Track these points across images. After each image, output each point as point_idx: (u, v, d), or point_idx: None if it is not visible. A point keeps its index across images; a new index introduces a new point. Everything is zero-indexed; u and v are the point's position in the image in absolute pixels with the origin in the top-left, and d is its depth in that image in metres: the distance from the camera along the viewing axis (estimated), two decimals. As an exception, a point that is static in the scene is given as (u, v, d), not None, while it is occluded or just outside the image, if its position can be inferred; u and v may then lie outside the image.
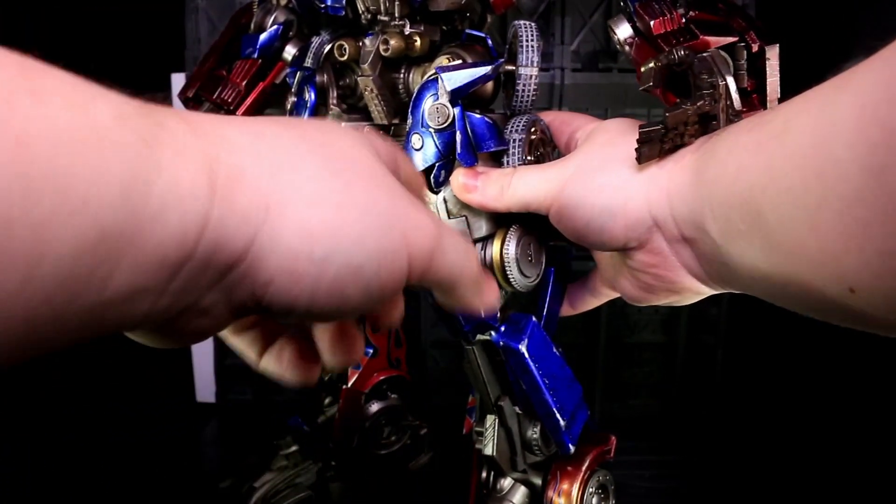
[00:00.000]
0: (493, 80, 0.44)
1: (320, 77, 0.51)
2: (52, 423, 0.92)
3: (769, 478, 0.85)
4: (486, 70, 0.42)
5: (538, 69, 0.44)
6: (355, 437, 0.63)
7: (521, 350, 0.44)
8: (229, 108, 0.54)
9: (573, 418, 0.46)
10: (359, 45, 0.49)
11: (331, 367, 0.31)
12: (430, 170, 0.43)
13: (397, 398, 0.64)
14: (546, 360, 0.45)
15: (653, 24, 0.41)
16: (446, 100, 0.42)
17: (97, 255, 0.18)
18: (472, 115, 0.43)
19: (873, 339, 0.31)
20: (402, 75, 0.49)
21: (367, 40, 0.48)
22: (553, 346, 0.47)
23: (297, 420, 0.66)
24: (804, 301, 0.29)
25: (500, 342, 0.45)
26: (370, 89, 0.48)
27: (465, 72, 0.42)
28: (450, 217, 0.45)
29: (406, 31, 0.47)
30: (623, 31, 0.45)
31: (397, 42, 0.46)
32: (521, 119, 0.45)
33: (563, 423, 0.45)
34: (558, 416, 0.45)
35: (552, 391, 0.45)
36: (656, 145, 0.37)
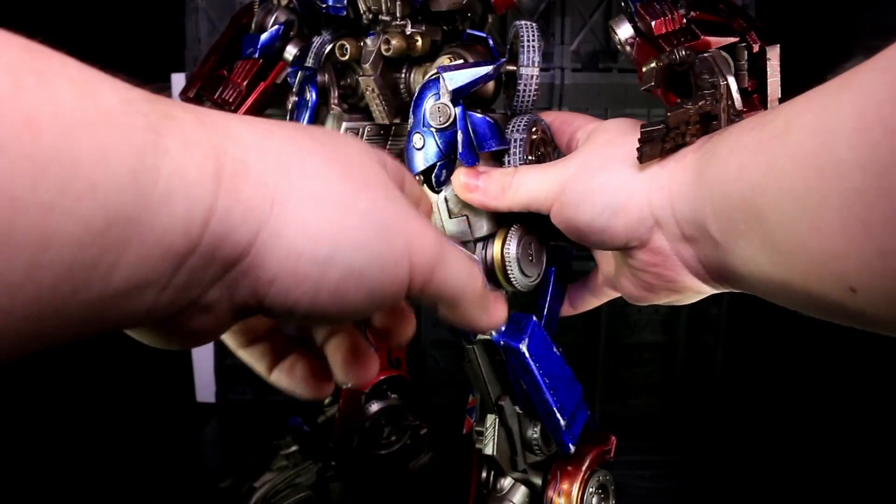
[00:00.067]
0: (494, 79, 0.44)
1: (321, 77, 0.51)
2: (53, 422, 0.92)
3: (769, 478, 0.85)
4: (487, 70, 0.42)
5: (539, 69, 0.44)
6: (355, 437, 0.63)
7: (522, 349, 0.44)
8: (230, 108, 0.54)
9: (573, 418, 0.46)
10: (360, 44, 0.49)
11: (343, 384, 0.31)
12: (431, 169, 0.43)
13: (397, 398, 0.64)
14: (546, 360, 0.45)
15: (654, 25, 0.41)
16: (448, 99, 0.42)
17: (103, 242, 0.18)
18: (474, 114, 0.43)
19: (873, 339, 0.31)
20: (404, 75, 0.49)
21: (368, 40, 0.48)
22: (553, 346, 0.47)
23: (297, 420, 0.66)
24: (805, 301, 0.29)
25: (500, 342, 0.45)
26: (371, 89, 0.48)
27: (467, 71, 0.42)
28: (451, 216, 0.45)
29: (407, 31, 0.47)
30: (624, 31, 0.45)
31: (399, 42, 0.46)
32: (523, 119, 0.45)
33: (563, 422, 0.45)
34: (558, 415, 0.45)
35: (552, 391, 0.45)
36: (658, 145, 0.37)
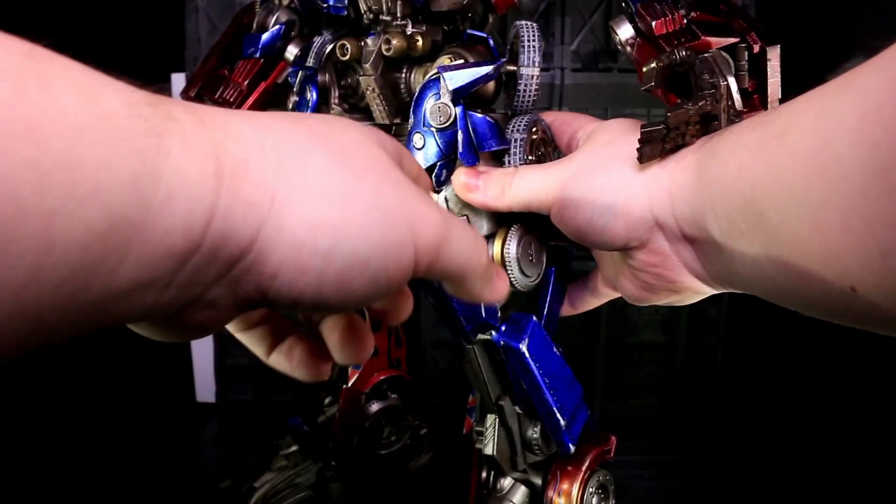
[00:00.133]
0: (494, 79, 0.44)
1: (322, 77, 0.51)
2: (53, 422, 0.92)
3: (769, 478, 0.85)
4: (487, 69, 0.42)
5: (539, 69, 0.44)
6: (355, 437, 0.62)
7: (522, 349, 0.44)
8: (231, 108, 0.54)
9: (573, 418, 0.46)
10: (361, 44, 0.49)
11: (341, 364, 0.31)
12: (431, 169, 0.43)
13: (397, 398, 0.64)
14: (546, 360, 0.45)
15: (654, 25, 0.41)
16: (448, 99, 0.42)
17: (106, 245, 0.18)
18: (474, 114, 0.43)
19: (874, 339, 0.31)
20: (404, 75, 0.49)
21: (369, 40, 0.48)
22: (553, 346, 0.47)
23: (297, 420, 0.66)
24: (805, 300, 0.29)
25: (500, 341, 0.45)
26: (372, 89, 0.48)
27: (467, 71, 0.42)
28: (451, 216, 0.45)
29: (408, 30, 0.47)
30: (624, 31, 0.45)
31: (399, 42, 0.46)
32: (523, 119, 0.45)
33: (563, 422, 0.45)
34: (558, 415, 0.45)
35: (552, 391, 0.45)
36: (658, 145, 0.37)
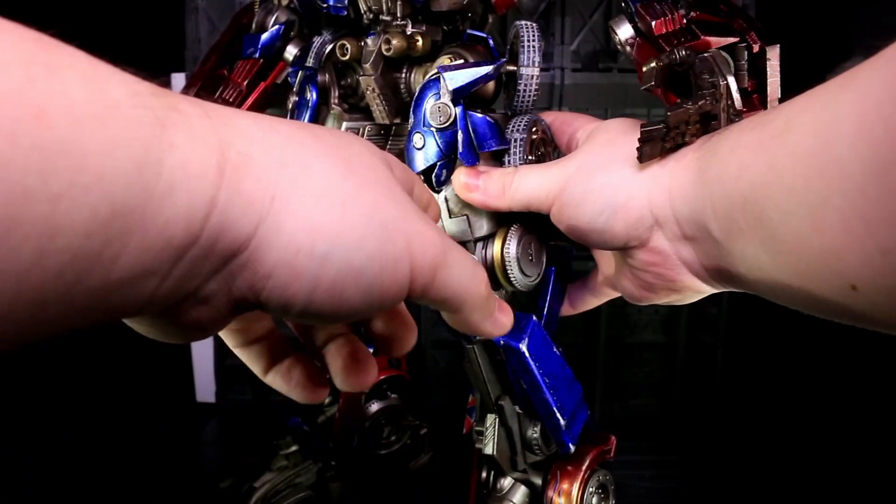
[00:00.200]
0: (494, 79, 0.44)
1: (322, 77, 0.51)
2: (53, 422, 0.92)
3: (769, 478, 0.85)
4: (487, 69, 0.42)
5: (539, 69, 0.44)
6: (355, 437, 0.62)
7: (522, 349, 0.44)
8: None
9: (573, 418, 0.46)
10: (360, 44, 0.49)
11: (342, 390, 0.31)
12: (431, 169, 0.43)
13: (397, 398, 0.64)
14: (546, 360, 0.45)
15: (654, 25, 0.41)
16: (448, 99, 0.42)
17: (108, 233, 0.18)
18: (474, 114, 0.43)
19: (874, 339, 0.31)
20: (404, 75, 0.49)
21: (368, 40, 0.48)
22: (553, 346, 0.47)
23: (297, 420, 0.66)
24: (806, 299, 0.29)
25: (500, 341, 0.45)
26: (372, 89, 0.48)
27: (467, 71, 0.42)
28: (451, 216, 0.45)
29: (408, 30, 0.47)
30: (624, 31, 0.45)
31: (399, 42, 0.46)
32: (523, 119, 0.45)
33: (563, 422, 0.45)
34: (558, 415, 0.45)
35: (552, 390, 0.45)
36: (658, 144, 0.37)
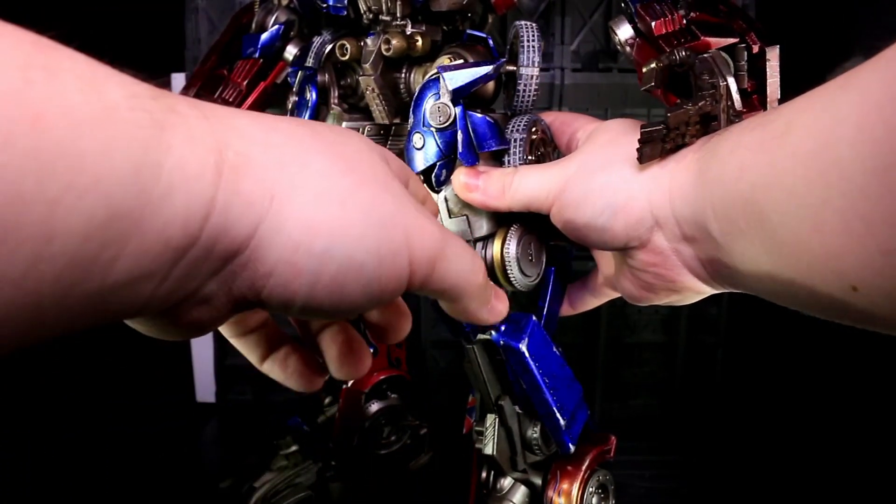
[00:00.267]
0: (494, 79, 0.44)
1: (322, 77, 0.51)
2: (53, 422, 0.92)
3: (769, 478, 0.85)
4: (487, 69, 0.42)
5: (539, 69, 0.44)
6: (355, 437, 0.63)
7: (522, 349, 0.44)
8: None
9: (573, 418, 0.46)
10: (360, 44, 0.49)
11: (337, 378, 0.31)
12: (431, 169, 0.43)
13: (397, 398, 0.64)
14: (546, 360, 0.45)
15: (654, 25, 0.41)
16: (448, 99, 0.42)
17: (105, 236, 0.18)
18: (474, 114, 0.43)
19: (874, 339, 0.31)
20: (404, 75, 0.49)
21: (368, 40, 0.48)
22: (553, 346, 0.47)
23: (297, 420, 0.67)
24: (806, 300, 0.29)
25: (500, 341, 0.45)
26: (371, 89, 0.48)
27: (467, 71, 0.42)
28: (451, 216, 0.45)
29: (408, 30, 0.47)
30: (624, 31, 0.45)
31: (399, 42, 0.46)
32: (522, 119, 0.45)
33: (563, 422, 0.45)
34: (558, 415, 0.45)
35: (552, 390, 0.45)
36: (658, 145, 0.37)
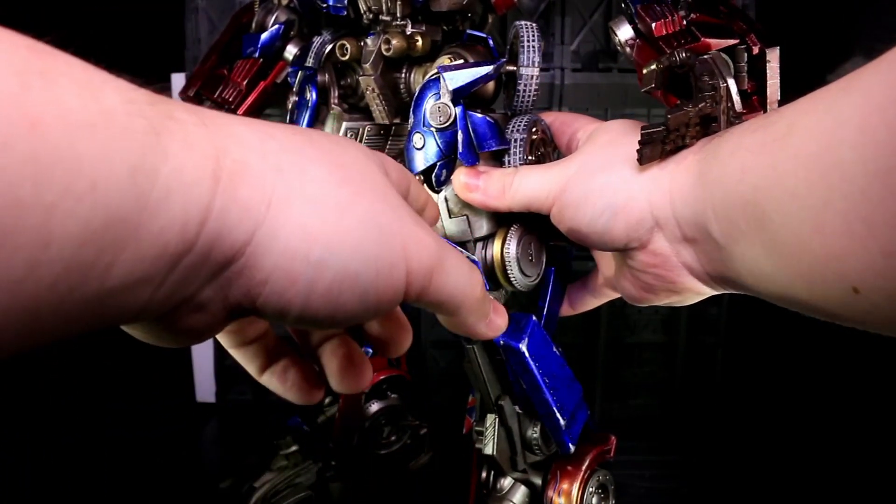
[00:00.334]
0: (494, 79, 0.44)
1: (322, 76, 0.51)
2: (53, 423, 0.92)
3: (769, 478, 0.85)
4: (487, 69, 0.42)
5: (539, 69, 0.44)
6: (355, 437, 0.63)
7: (522, 349, 0.44)
8: (230, 107, 0.54)
9: (573, 418, 0.46)
10: (360, 44, 0.49)
11: (338, 391, 0.31)
12: (431, 169, 0.43)
13: (397, 398, 0.64)
14: (546, 360, 0.45)
15: (654, 26, 0.41)
16: (448, 99, 0.42)
17: (101, 242, 0.18)
18: (474, 114, 0.43)
19: (874, 339, 0.31)
20: (404, 75, 0.49)
21: (368, 40, 0.48)
22: (553, 346, 0.47)
23: (297, 420, 0.67)
24: (807, 302, 0.29)
25: (500, 341, 0.45)
26: (372, 89, 0.48)
27: (467, 71, 0.42)
28: (451, 216, 0.45)
29: (408, 31, 0.47)
30: (624, 32, 0.45)
31: (399, 42, 0.46)
32: (523, 119, 0.45)
33: (563, 422, 0.45)
34: (558, 415, 0.45)
35: (552, 390, 0.45)
36: (658, 146, 0.37)
